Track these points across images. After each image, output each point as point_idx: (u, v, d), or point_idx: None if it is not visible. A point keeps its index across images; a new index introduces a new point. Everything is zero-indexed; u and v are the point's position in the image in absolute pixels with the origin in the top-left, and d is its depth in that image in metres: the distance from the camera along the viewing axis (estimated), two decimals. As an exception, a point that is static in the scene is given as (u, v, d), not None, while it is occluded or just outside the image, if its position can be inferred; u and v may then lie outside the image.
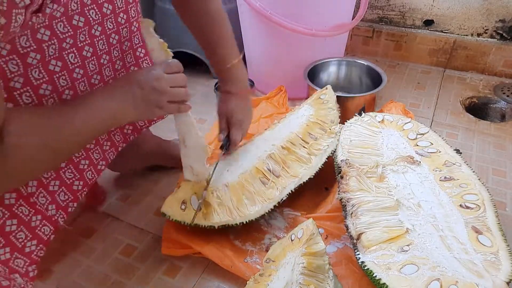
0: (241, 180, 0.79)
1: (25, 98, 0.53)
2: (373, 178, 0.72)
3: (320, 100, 0.96)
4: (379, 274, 0.56)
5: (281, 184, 0.80)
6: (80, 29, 0.57)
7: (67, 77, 0.57)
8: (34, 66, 0.53)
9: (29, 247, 0.60)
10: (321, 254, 0.60)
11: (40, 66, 0.53)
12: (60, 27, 0.54)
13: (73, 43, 0.56)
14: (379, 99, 1.21)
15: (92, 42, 0.60)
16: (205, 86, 1.36)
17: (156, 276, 0.73)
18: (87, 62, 0.60)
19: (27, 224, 0.59)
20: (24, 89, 0.53)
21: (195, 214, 0.73)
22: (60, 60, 0.56)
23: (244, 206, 0.76)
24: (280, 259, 0.64)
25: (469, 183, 0.69)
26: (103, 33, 0.61)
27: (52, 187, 0.62)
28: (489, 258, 0.56)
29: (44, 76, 0.54)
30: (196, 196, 0.77)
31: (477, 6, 1.27)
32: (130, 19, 0.66)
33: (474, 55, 1.33)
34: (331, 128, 0.89)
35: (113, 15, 0.62)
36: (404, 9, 1.39)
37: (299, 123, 0.91)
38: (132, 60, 0.70)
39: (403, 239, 0.61)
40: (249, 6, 1.05)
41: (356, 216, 0.66)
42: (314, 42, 1.13)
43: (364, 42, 1.50)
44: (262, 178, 0.80)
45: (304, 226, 0.64)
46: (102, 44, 0.62)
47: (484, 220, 0.62)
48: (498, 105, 1.20)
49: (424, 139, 0.80)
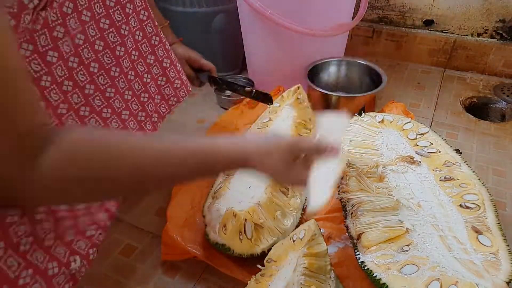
0: (269, 195, 0.75)
1: (53, 95, 0.55)
2: (373, 178, 0.72)
3: (298, 100, 0.98)
4: (379, 274, 0.56)
5: (297, 191, 0.79)
6: (87, 24, 0.58)
7: (84, 72, 0.59)
8: (55, 64, 0.54)
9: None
10: (322, 255, 0.60)
11: (61, 63, 0.55)
12: (72, 23, 0.55)
13: (85, 39, 0.58)
14: (379, 99, 1.21)
15: (102, 35, 0.61)
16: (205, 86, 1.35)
17: (156, 276, 0.73)
18: (101, 56, 0.62)
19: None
20: (51, 87, 0.54)
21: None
22: (76, 56, 0.57)
23: (279, 221, 0.73)
24: (281, 259, 0.64)
25: (469, 183, 0.69)
26: (112, 26, 0.63)
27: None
28: (489, 258, 0.57)
29: (65, 73, 0.56)
30: (250, 224, 0.70)
31: (477, 6, 1.27)
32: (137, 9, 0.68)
33: (474, 55, 1.33)
34: (313, 127, 0.93)
35: (119, 6, 0.64)
36: (404, 9, 1.39)
37: (288, 125, 0.91)
38: (148, 49, 0.73)
39: (403, 239, 0.61)
40: (249, 6, 1.05)
41: (356, 216, 0.66)
42: (314, 42, 1.13)
43: (364, 42, 1.50)
44: (281, 188, 0.78)
45: (306, 226, 0.64)
46: (113, 37, 0.64)
47: (484, 220, 0.62)
48: (498, 105, 1.20)
49: (424, 139, 0.80)
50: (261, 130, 0.93)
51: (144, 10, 0.70)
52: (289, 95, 1.00)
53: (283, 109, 0.96)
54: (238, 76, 1.31)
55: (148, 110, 0.75)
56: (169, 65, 0.78)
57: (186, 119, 1.18)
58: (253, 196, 0.75)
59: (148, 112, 0.75)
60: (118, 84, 0.66)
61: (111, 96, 0.64)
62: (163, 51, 0.76)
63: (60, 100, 0.56)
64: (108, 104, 0.64)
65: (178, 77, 0.82)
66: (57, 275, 0.49)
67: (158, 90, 0.78)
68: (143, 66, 0.72)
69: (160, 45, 0.75)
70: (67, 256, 0.53)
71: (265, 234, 0.70)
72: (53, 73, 0.54)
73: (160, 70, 0.77)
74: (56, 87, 0.55)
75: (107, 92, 0.63)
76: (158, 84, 0.78)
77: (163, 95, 0.80)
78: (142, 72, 0.73)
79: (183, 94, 0.85)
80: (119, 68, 0.65)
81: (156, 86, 0.78)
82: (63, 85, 0.56)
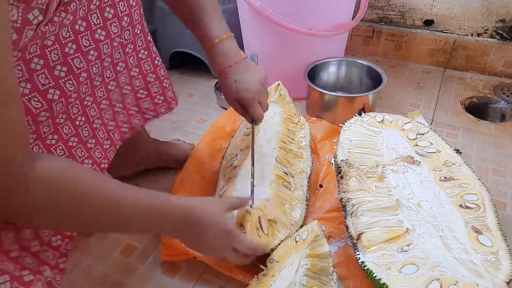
0: (274, 191, 0.76)
1: (34, 103, 0.54)
2: (373, 178, 0.72)
3: (281, 96, 1.00)
4: (379, 274, 0.56)
5: (298, 183, 0.81)
6: (81, 34, 0.57)
7: (73, 82, 0.58)
8: (39, 71, 0.53)
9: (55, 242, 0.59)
10: (325, 256, 0.60)
11: (46, 71, 0.54)
12: (63, 33, 0.54)
13: (76, 48, 0.57)
14: (379, 99, 1.21)
15: (97, 46, 0.60)
16: (205, 86, 1.36)
17: (156, 276, 0.73)
18: (91, 66, 0.61)
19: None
20: (32, 95, 0.53)
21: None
22: (64, 65, 0.56)
23: (288, 214, 0.74)
24: (284, 260, 0.64)
25: (469, 183, 0.69)
26: (107, 37, 0.62)
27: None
28: (489, 258, 0.56)
29: (50, 81, 0.55)
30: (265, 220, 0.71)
31: (477, 6, 1.27)
32: (133, 22, 0.67)
33: (474, 55, 1.33)
34: (299, 121, 0.95)
35: (116, 18, 0.62)
36: (404, 9, 1.39)
37: (277, 121, 0.93)
38: (134, 62, 0.71)
39: (403, 239, 0.61)
40: (249, 6, 1.05)
41: (356, 216, 0.66)
42: (314, 42, 1.13)
43: (364, 42, 1.50)
44: (283, 183, 0.79)
45: (309, 227, 0.64)
46: (107, 48, 0.62)
47: (484, 220, 0.62)
48: (498, 105, 1.20)
49: (424, 139, 0.80)
50: (251, 130, 0.93)
51: (139, 24, 0.68)
52: (271, 92, 1.01)
53: (268, 107, 0.97)
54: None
55: (118, 120, 0.74)
56: (153, 80, 0.76)
57: (186, 119, 1.18)
58: (260, 194, 0.75)
59: (118, 122, 0.74)
60: (96, 93, 0.65)
61: (87, 104, 0.63)
62: (150, 65, 0.74)
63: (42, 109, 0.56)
64: (84, 112, 0.63)
65: (162, 93, 0.79)
66: (33, 282, 0.49)
67: (136, 102, 0.77)
68: (125, 78, 0.71)
69: (147, 59, 0.73)
70: (37, 265, 0.53)
71: (279, 228, 0.71)
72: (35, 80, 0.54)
73: (142, 83, 0.75)
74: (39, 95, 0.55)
75: (85, 100, 0.62)
76: (138, 96, 0.76)
77: (141, 108, 0.78)
78: (122, 83, 0.71)
79: (164, 110, 0.82)
80: (101, 78, 0.64)
81: (135, 98, 0.76)
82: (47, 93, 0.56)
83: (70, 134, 0.62)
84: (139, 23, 0.69)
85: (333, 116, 1.08)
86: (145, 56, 0.72)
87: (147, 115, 0.81)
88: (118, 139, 0.74)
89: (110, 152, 0.72)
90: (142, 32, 0.70)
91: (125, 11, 0.64)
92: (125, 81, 0.72)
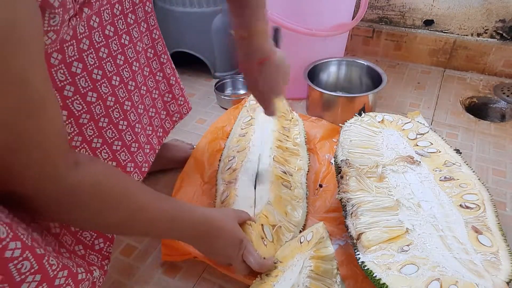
0: (275, 192, 0.76)
1: (76, 106, 0.56)
2: (373, 178, 0.72)
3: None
4: (379, 274, 0.56)
5: (297, 181, 0.81)
6: (110, 38, 0.60)
7: (107, 84, 0.60)
8: (79, 75, 0.55)
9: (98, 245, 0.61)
10: (329, 258, 0.60)
11: (85, 74, 0.56)
12: (96, 37, 0.56)
13: (108, 53, 0.59)
14: (379, 99, 1.21)
15: (123, 51, 0.63)
16: (205, 86, 1.36)
17: (156, 276, 0.73)
18: (121, 70, 0.63)
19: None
20: (74, 97, 0.55)
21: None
22: (100, 68, 0.58)
23: (291, 215, 0.74)
24: (287, 260, 0.64)
25: (469, 183, 0.69)
26: (131, 42, 0.64)
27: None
28: (489, 258, 0.56)
29: (89, 84, 0.57)
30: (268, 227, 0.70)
31: (477, 6, 1.27)
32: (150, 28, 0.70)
33: (474, 55, 1.33)
34: (292, 117, 0.96)
35: (136, 24, 0.66)
36: (404, 9, 1.39)
37: (270, 119, 0.93)
38: (157, 66, 0.76)
39: (403, 239, 0.61)
40: (249, 6, 1.05)
41: (356, 216, 0.66)
42: (314, 42, 1.13)
43: (364, 42, 1.50)
44: (283, 182, 0.79)
45: (314, 229, 0.64)
46: (131, 52, 0.65)
47: (484, 220, 0.62)
48: (498, 105, 1.20)
49: (424, 139, 0.80)
50: (246, 131, 0.93)
51: (156, 29, 0.72)
52: None
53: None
54: (238, 76, 1.31)
55: (154, 125, 0.77)
56: (174, 83, 0.81)
57: (186, 119, 1.18)
58: (262, 197, 0.75)
59: (154, 127, 0.77)
60: (133, 98, 0.67)
61: (127, 109, 0.65)
62: (170, 69, 0.79)
63: (83, 111, 0.57)
64: (125, 116, 0.65)
65: (181, 95, 0.85)
66: (83, 281, 0.50)
67: (164, 106, 0.81)
68: (152, 82, 0.75)
69: (168, 63, 0.78)
70: (87, 265, 0.54)
71: (284, 231, 0.71)
72: (77, 83, 0.55)
73: (167, 87, 0.80)
74: (80, 98, 0.57)
75: (125, 105, 0.64)
76: (165, 100, 0.81)
77: (168, 111, 0.83)
78: (151, 88, 0.75)
79: (185, 111, 0.88)
80: (134, 82, 0.67)
81: (163, 102, 0.81)
82: (87, 96, 0.57)
83: (114, 138, 0.63)
84: (155, 28, 0.71)
85: (333, 116, 1.08)
86: (165, 60, 0.76)
87: (174, 117, 0.85)
88: (156, 143, 0.77)
89: (150, 156, 0.74)
90: (159, 37, 0.73)
91: (143, 17, 0.66)
92: (153, 85, 0.75)
